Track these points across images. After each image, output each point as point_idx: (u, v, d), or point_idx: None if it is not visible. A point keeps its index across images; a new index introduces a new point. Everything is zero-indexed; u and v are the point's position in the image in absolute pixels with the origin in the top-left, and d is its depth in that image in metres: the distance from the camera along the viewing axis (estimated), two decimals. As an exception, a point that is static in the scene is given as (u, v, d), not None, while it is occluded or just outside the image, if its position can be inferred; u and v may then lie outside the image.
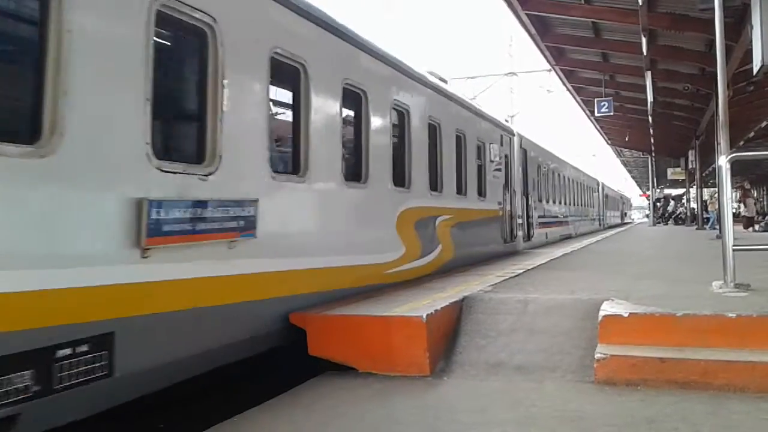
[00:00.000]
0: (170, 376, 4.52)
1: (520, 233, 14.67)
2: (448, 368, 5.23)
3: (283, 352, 5.81)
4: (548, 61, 20.05)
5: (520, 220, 14.62)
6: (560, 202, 21.69)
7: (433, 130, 9.44)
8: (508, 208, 13.65)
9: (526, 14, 15.29)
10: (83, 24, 3.73)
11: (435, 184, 9.46)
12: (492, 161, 12.52)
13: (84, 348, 3.70)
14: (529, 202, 15.82)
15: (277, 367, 6.36)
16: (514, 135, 15.07)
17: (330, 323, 5.57)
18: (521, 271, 9.16)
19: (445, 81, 11.19)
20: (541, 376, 4.92)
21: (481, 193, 11.95)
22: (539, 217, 17.15)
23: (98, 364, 3.80)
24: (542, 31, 16.89)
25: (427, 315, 5.30)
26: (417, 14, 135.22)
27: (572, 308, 5.81)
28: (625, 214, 61.38)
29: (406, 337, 5.27)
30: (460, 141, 10.73)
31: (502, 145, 13.40)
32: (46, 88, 3.58)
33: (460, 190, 10.73)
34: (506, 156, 13.68)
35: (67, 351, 3.61)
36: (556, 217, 20.59)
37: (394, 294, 6.90)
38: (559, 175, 21.55)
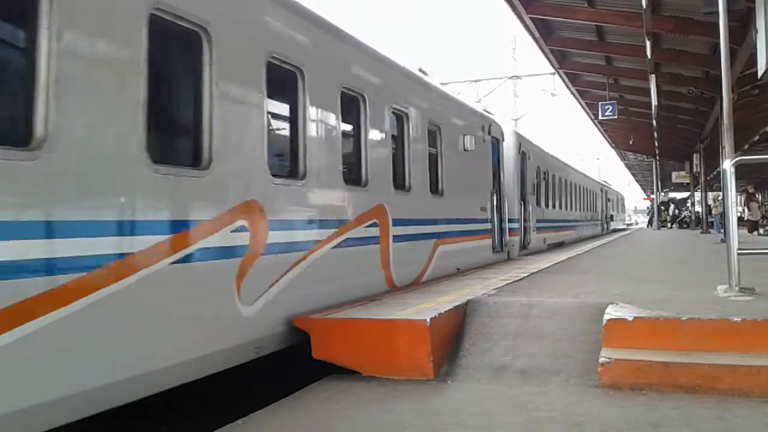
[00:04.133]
0: None
1: None
2: (451, 372, 5.23)
3: (287, 355, 5.82)
4: (552, 65, 20.06)
5: None
6: None
7: None
8: None
9: (530, 18, 15.31)
10: None
11: None
12: None
13: None
14: None
15: (280, 371, 6.37)
16: None
17: (334, 327, 5.57)
18: (525, 274, 9.15)
19: None
20: (545, 380, 4.91)
21: None
22: None
23: None
24: (546, 34, 16.90)
25: (431, 319, 5.29)
26: (418, 16, 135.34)
27: (576, 312, 5.80)
28: (611, 217, 39.43)
29: (409, 341, 5.27)
30: None
31: None
32: None
33: None
34: None
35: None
36: None
37: (398, 297, 6.90)
38: None
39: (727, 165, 6.62)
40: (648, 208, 64.94)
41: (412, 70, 9.52)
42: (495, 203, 12.55)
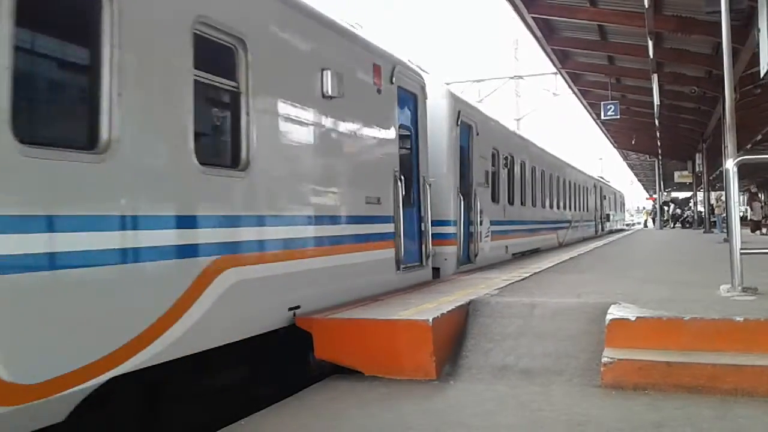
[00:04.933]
0: None
1: None
2: (454, 372, 5.23)
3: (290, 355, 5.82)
4: (554, 65, 20.05)
5: None
6: None
7: None
8: None
9: (532, 17, 15.30)
10: None
11: None
12: None
13: None
14: None
15: (283, 370, 6.37)
16: None
17: (336, 327, 5.57)
18: (528, 274, 9.15)
19: None
20: (547, 380, 4.90)
21: None
22: None
23: None
24: (548, 34, 16.90)
25: (433, 319, 5.29)
26: (421, 16, 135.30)
27: (579, 312, 5.80)
28: (608, 217, 33.58)
29: (412, 341, 5.26)
30: None
31: None
32: None
33: None
34: None
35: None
36: None
37: (401, 297, 6.90)
38: None
39: (730, 164, 6.62)
40: (644, 207, 65.04)
41: None
42: (407, 193, 8.07)
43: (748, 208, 26.16)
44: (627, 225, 54.38)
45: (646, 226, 54.41)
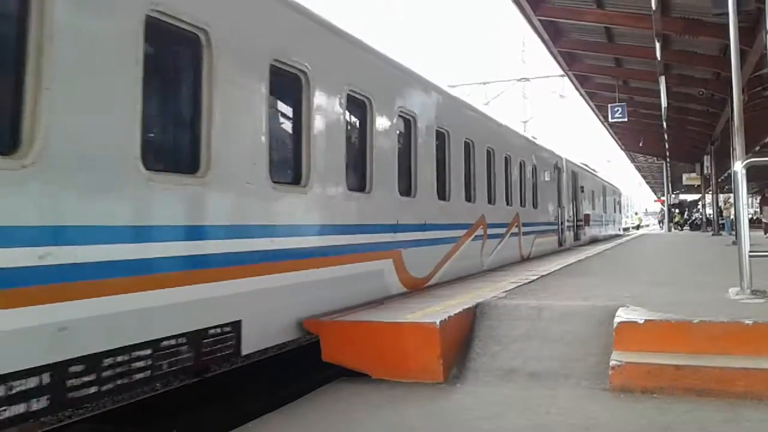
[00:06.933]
0: None
1: None
2: (461, 375, 5.22)
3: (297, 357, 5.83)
4: (561, 67, 20.02)
5: None
6: None
7: None
8: None
9: (539, 19, 15.30)
10: None
11: None
12: None
13: None
14: None
15: (290, 373, 6.39)
16: None
17: (343, 329, 5.58)
18: (535, 277, 9.13)
19: None
20: (555, 383, 4.89)
21: None
22: None
23: None
24: (555, 36, 16.89)
25: (441, 321, 5.29)
26: (428, 18, 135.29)
27: (587, 315, 5.78)
28: (587, 219, 22.26)
29: (419, 344, 5.26)
30: None
31: None
32: None
33: None
34: None
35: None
36: None
37: (408, 300, 6.90)
38: None
39: (738, 167, 6.58)
40: (635, 213, 66.38)
41: None
42: None
43: (759, 210, 25.97)
44: (627, 228, 45.62)
45: (638, 228, 55.95)
